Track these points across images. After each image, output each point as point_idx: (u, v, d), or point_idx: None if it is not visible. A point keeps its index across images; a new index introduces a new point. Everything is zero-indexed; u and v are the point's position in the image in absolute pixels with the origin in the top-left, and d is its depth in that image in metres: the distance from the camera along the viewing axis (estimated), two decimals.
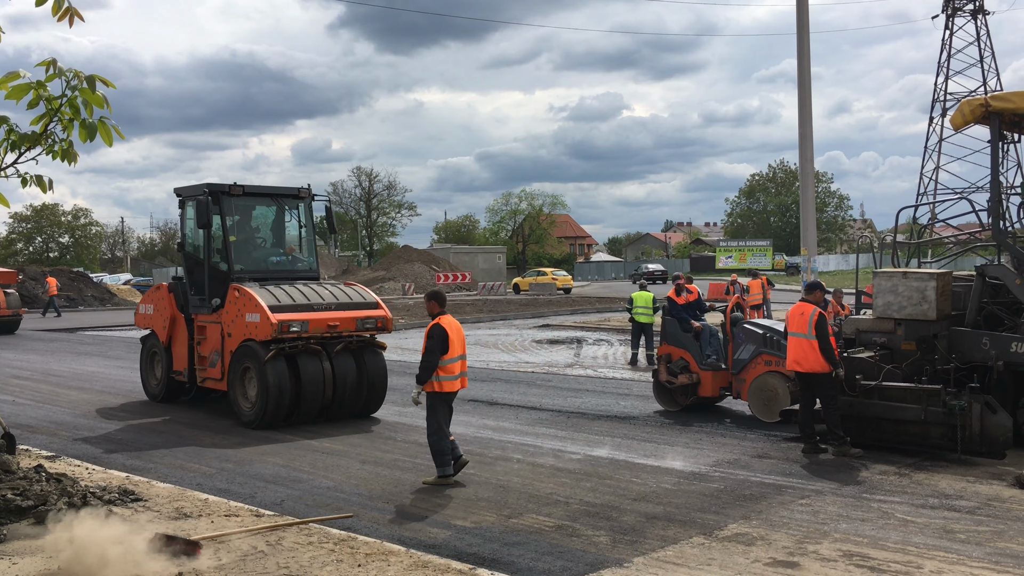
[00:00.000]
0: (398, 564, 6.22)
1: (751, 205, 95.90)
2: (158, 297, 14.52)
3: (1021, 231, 11.15)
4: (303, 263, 14.24)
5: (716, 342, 13.04)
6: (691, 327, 12.99)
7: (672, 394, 13.04)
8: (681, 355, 12.95)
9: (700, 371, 12.74)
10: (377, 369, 12.92)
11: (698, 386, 12.77)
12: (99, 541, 6.51)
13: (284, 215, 14.25)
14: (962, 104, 10.75)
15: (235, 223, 13.55)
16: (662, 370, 13.06)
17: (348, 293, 13.11)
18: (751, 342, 12.21)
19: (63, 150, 6.08)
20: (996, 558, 6.48)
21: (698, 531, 7.20)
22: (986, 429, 9.30)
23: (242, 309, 12.31)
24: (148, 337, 14.79)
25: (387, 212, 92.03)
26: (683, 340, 13.00)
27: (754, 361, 12.14)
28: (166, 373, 14.26)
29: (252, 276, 13.11)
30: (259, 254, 13.96)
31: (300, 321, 12.05)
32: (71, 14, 5.50)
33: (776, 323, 13.02)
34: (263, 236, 14.39)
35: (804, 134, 25.94)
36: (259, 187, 14.09)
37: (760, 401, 12.04)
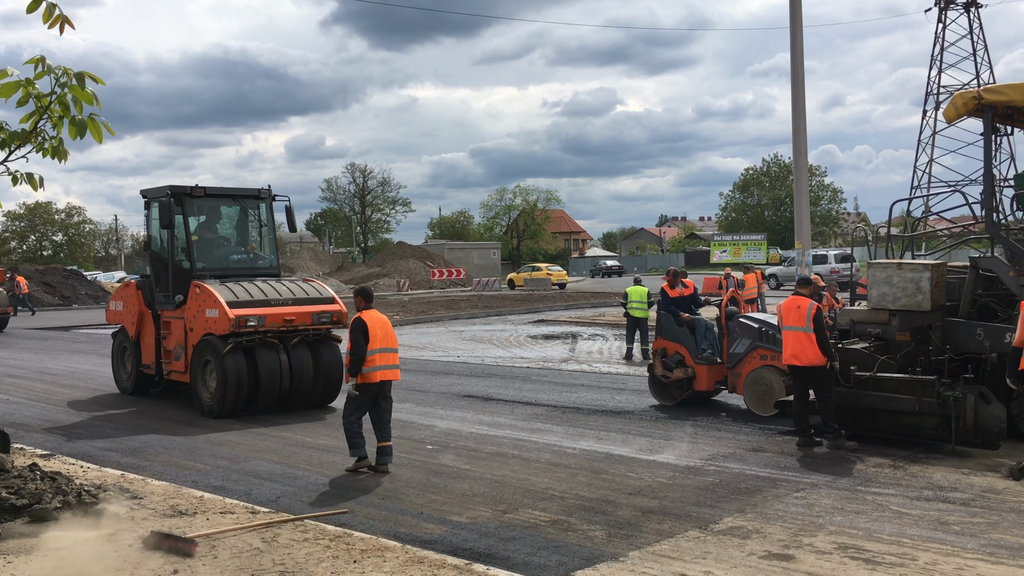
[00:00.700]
0: (394, 560, 6.22)
1: (745, 199, 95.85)
2: (127, 294, 15.09)
3: (1014, 224, 11.17)
4: (264, 260, 14.78)
5: (711, 336, 13.03)
6: (684, 321, 13.02)
7: (667, 388, 13.05)
8: (677, 349, 12.92)
9: (695, 365, 12.73)
10: (332, 361, 13.38)
11: (693, 380, 12.77)
12: (94, 540, 6.50)
13: (246, 215, 14.78)
14: (955, 97, 10.75)
15: (198, 223, 14.17)
16: (657, 364, 13.07)
17: (305, 289, 13.66)
18: (746, 336, 12.24)
19: (53, 148, 6.06)
20: (991, 549, 6.50)
21: (693, 525, 7.21)
22: (980, 420, 9.32)
23: (202, 305, 12.87)
24: (118, 333, 15.41)
25: (381, 208, 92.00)
26: (678, 334, 12.98)
27: (749, 355, 12.16)
28: (135, 367, 14.85)
29: (213, 274, 13.64)
30: (221, 252, 14.54)
31: (257, 316, 12.64)
32: (62, 21, 5.48)
33: (771, 317, 12.96)
34: (225, 235, 14.95)
35: (798, 128, 25.95)
36: (220, 188, 14.72)
37: (755, 395, 12.08)
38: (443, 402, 13.79)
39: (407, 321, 30.42)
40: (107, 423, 12.51)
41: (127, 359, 15.20)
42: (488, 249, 74.94)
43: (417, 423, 12.06)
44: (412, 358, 20.14)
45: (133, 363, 14.93)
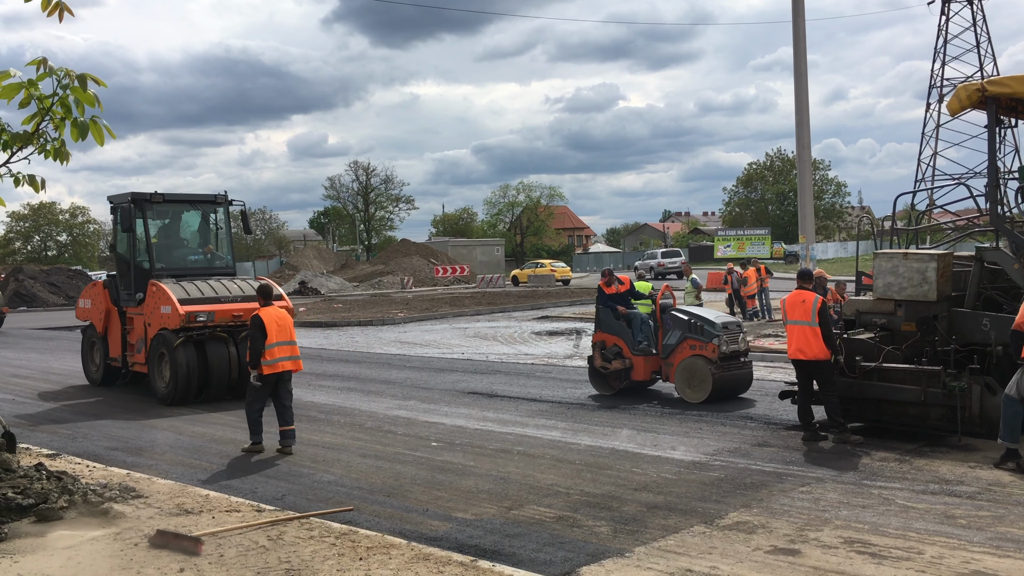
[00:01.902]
0: (399, 557, 6.22)
1: (749, 194, 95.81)
2: (95, 293, 16.40)
3: (1019, 216, 11.13)
4: (221, 260, 15.92)
5: (647, 329, 13.61)
6: (622, 314, 13.66)
7: (606, 379, 13.72)
8: (615, 342, 13.62)
9: (632, 356, 13.40)
10: None
11: (631, 371, 13.45)
12: (100, 539, 6.51)
13: (204, 219, 15.92)
14: (959, 89, 10.71)
15: (160, 226, 15.40)
16: (596, 356, 13.74)
17: (254, 286, 14.43)
18: (677, 328, 12.96)
19: (55, 149, 6.06)
20: (997, 543, 6.49)
21: (699, 520, 7.21)
22: (986, 410, 9.29)
23: (158, 302, 14.04)
24: (87, 328, 16.72)
25: (384, 206, 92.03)
26: (616, 328, 13.64)
27: (680, 346, 12.88)
28: (103, 360, 16.18)
29: (171, 273, 14.82)
30: (179, 253, 15.69)
31: (207, 312, 13.79)
32: (61, 9, 5.47)
33: (702, 310, 13.73)
34: (184, 238, 16.05)
35: (801, 122, 25.91)
36: (179, 195, 15.80)
37: (686, 383, 12.83)
38: (448, 399, 13.80)
39: (411, 318, 30.42)
40: (112, 423, 12.54)
41: (95, 353, 16.45)
42: (492, 246, 74.90)
43: (422, 420, 12.06)
44: (416, 355, 20.16)
45: (101, 356, 16.21)
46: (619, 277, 14.28)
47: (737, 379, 12.99)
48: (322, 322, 30.03)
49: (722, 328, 12.74)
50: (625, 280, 14.27)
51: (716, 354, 12.53)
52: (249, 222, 16.30)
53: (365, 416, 12.53)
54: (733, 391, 13.01)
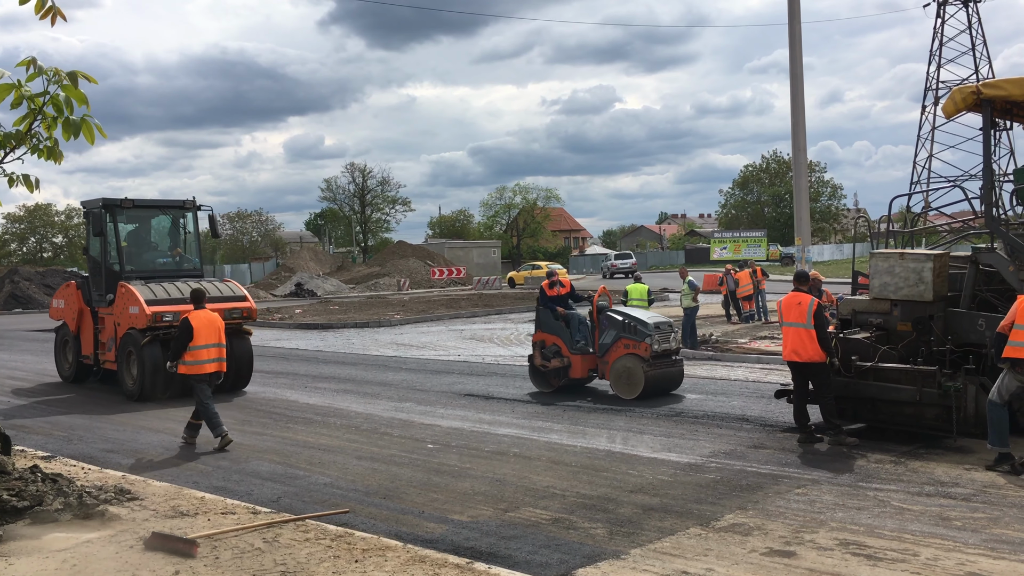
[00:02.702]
0: (395, 559, 6.21)
1: (745, 196, 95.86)
2: (68, 293, 16.99)
3: (1014, 218, 11.16)
4: (189, 263, 16.62)
5: (584, 329, 14.25)
6: (561, 315, 14.29)
7: (546, 377, 14.35)
8: (554, 341, 14.29)
9: (571, 355, 14.06)
10: (244, 351, 15.38)
11: (569, 368, 14.10)
12: (95, 541, 6.50)
13: (174, 223, 16.62)
14: (954, 92, 10.73)
15: (130, 230, 16.12)
16: (536, 355, 14.39)
17: (220, 288, 15.47)
18: (612, 328, 13.58)
19: (48, 149, 6.05)
20: (992, 544, 6.50)
21: (695, 522, 7.21)
22: (981, 411, 9.31)
23: (126, 303, 14.66)
24: (61, 328, 17.38)
25: (381, 208, 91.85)
26: (555, 328, 14.31)
27: (615, 345, 13.52)
28: (76, 358, 16.87)
29: (140, 275, 15.48)
30: (148, 256, 16.38)
31: (173, 312, 14.27)
32: (54, 13, 5.47)
33: (636, 311, 14.21)
34: (153, 241, 16.75)
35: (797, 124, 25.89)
36: (148, 200, 16.65)
37: (620, 380, 13.46)
38: (444, 401, 13.79)
39: (407, 320, 30.41)
40: (108, 425, 12.52)
41: (68, 351, 17.17)
42: (488, 248, 74.89)
43: (418, 422, 12.06)
44: (413, 357, 20.15)
45: (73, 354, 16.93)
46: (560, 280, 14.95)
47: (668, 377, 13.65)
48: (318, 324, 30.01)
49: (654, 328, 13.36)
50: (567, 283, 14.97)
51: (648, 353, 13.19)
52: (217, 227, 17.05)
53: (361, 418, 12.52)
54: (665, 388, 13.65)
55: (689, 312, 19.46)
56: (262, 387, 15.95)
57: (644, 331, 13.23)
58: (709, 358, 18.09)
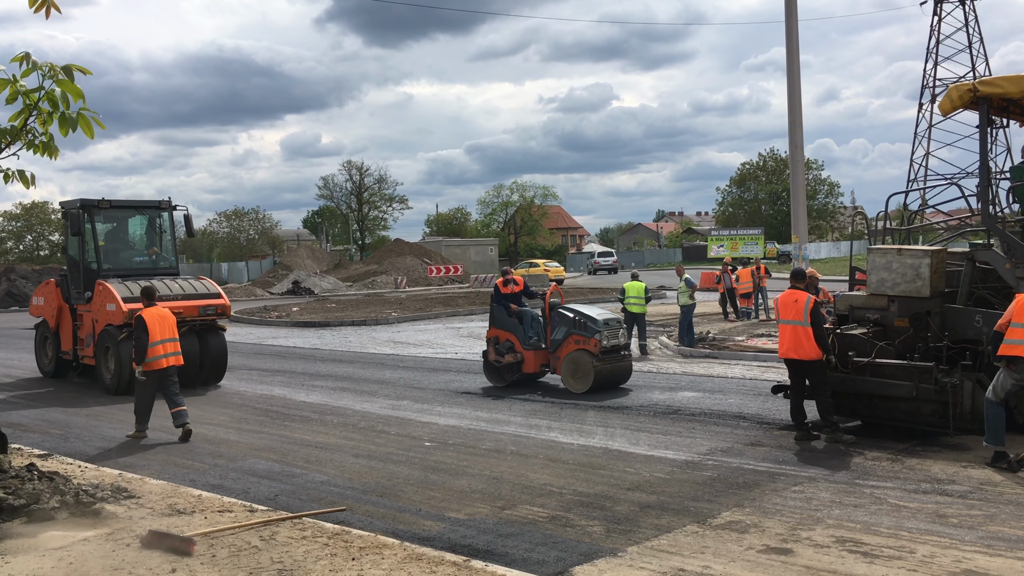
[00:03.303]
0: (392, 557, 6.21)
1: (742, 194, 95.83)
2: (48, 291, 17.48)
3: (1011, 216, 11.17)
4: (164, 262, 17.08)
5: (537, 325, 14.75)
6: (514, 312, 14.75)
7: (500, 372, 14.80)
8: (508, 337, 14.74)
9: (524, 351, 14.52)
10: (218, 347, 15.94)
11: (522, 364, 14.55)
12: (92, 540, 6.49)
13: (150, 223, 17.08)
14: (950, 90, 10.73)
15: (107, 230, 16.56)
16: (491, 350, 14.83)
17: (195, 286, 15.96)
18: (563, 324, 14.13)
19: (43, 144, 6.04)
20: (988, 542, 6.51)
21: (692, 519, 7.22)
22: (977, 407, 9.32)
23: (104, 300, 15.11)
24: (40, 325, 17.87)
25: (378, 206, 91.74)
26: (509, 324, 14.74)
27: (566, 341, 14.05)
28: (55, 353, 17.30)
29: (117, 274, 15.92)
30: (125, 255, 16.85)
31: None
32: (48, 5, 5.46)
33: (586, 307, 14.60)
34: (130, 240, 17.27)
35: (794, 122, 25.92)
36: (125, 201, 17.20)
37: (571, 374, 13.99)
38: (441, 399, 13.79)
39: (405, 318, 30.39)
40: (104, 423, 12.50)
41: (48, 347, 17.64)
42: (485, 246, 74.86)
43: (415, 420, 12.06)
44: (410, 355, 20.14)
45: (53, 350, 17.36)
46: (514, 278, 15.26)
47: (617, 371, 14.20)
48: (315, 322, 29.99)
49: (603, 325, 13.88)
50: (520, 281, 15.33)
51: (598, 348, 13.72)
52: (192, 226, 17.58)
53: (358, 416, 12.52)
54: (614, 382, 14.20)
55: (686, 310, 19.46)
56: (259, 385, 15.95)
57: (594, 327, 13.79)
58: (706, 356, 18.10)
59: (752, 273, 25.01)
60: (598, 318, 13.96)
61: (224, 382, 16.36)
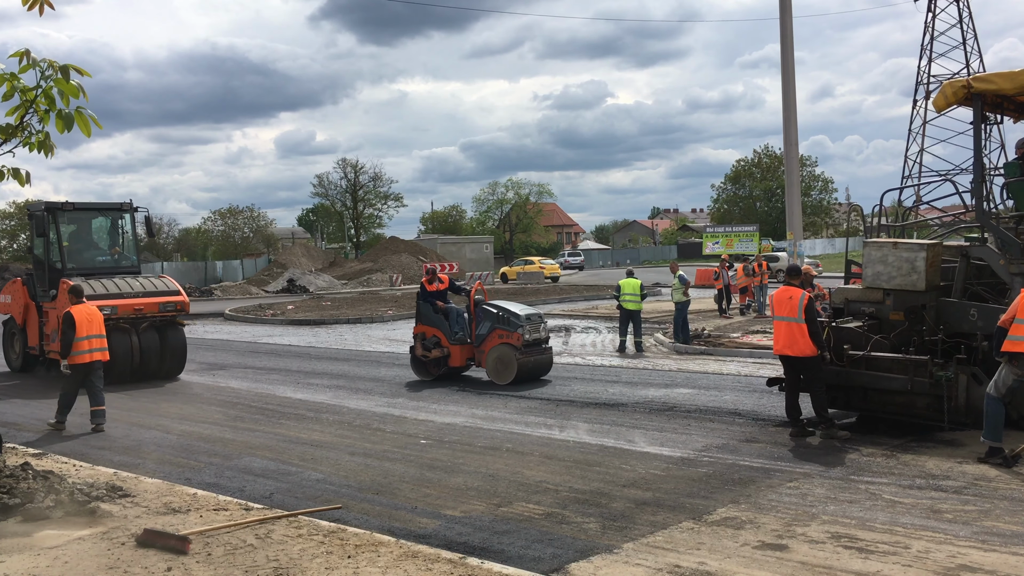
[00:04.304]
0: (388, 555, 6.21)
1: (737, 191, 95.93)
2: (15, 289, 18.15)
3: (1004, 212, 11.19)
4: (127, 261, 17.86)
5: (462, 321, 15.31)
6: (440, 308, 15.27)
7: (426, 366, 15.35)
8: (434, 333, 15.29)
9: (450, 346, 15.08)
10: (177, 342, 16.69)
11: (448, 358, 15.12)
12: (87, 538, 6.48)
13: (115, 224, 17.82)
14: (944, 86, 10.75)
15: (71, 231, 17.22)
16: (418, 346, 15.39)
17: (155, 283, 16.79)
18: (488, 320, 14.71)
19: (40, 142, 6.02)
20: (983, 537, 6.52)
21: (687, 516, 7.22)
22: (972, 400, 9.34)
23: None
24: (7, 321, 18.67)
25: (373, 203, 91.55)
26: (435, 320, 15.29)
27: (491, 335, 14.65)
28: (23, 349, 18.02)
29: (81, 272, 16.54)
30: (88, 255, 17.55)
31: (111, 306, 15.56)
32: (42, 3, 5.44)
33: (510, 303, 15.07)
34: (93, 240, 17.93)
35: (788, 119, 25.97)
36: (88, 203, 17.99)
37: (495, 367, 14.59)
38: (436, 396, 13.79)
39: (400, 316, 30.35)
40: None
41: (15, 343, 18.36)
42: (481, 243, 74.67)
43: (411, 418, 12.05)
44: (405, 353, 20.05)
45: (21, 346, 18.08)
46: (440, 276, 15.88)
47: (539, 364, 14.86)
48: (310, 320, 29.95)
49: (525, 319, 14.52)
50: (444, 279, 15.91)
51: (520, 342, 14.37)
52: (152, 227, 18.42)
53: (354, 414, 12.51)
54: (535, 374, 14.86)
55: (680, 306, 19.47)
56: (254, 383, 15.93)
57: (516, 322, 14.43)
58: (701, 352, 18.12)
59: (745, 268, 25.05)
60: (520, 313, 14.61)
61: (219, 380, 16.36)
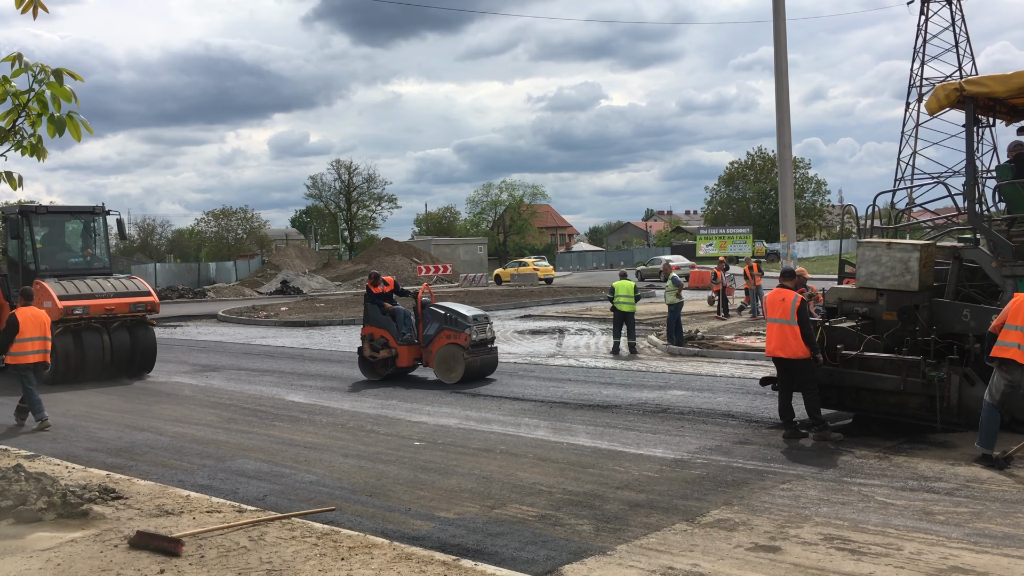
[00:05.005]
0: (381, 557, 6.20)
1: (730, 192, 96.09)
2: None
3: (996, 214, 11.23)
4: (98, 262, 18.33)
5: (409, 322, 15.71)
6: (387, 310, 15.63)
7: (374, 366, 15.68)
8: (382, 334, 15.64)
9: (397, 346, 15.48)
10: (147, 341, 17.35)
11: (396, 358, 15.51)
12: (80, 540, 6.46)
13: (88, 227, 18.35)
14: (937, 89, 10.79)
15: (45, 233, 17.83)
16: (366, 347, 15.70)
17: (126, 284, 17.37)
18: (435, 321, 15.15)
19: (32, 145, 6.01)
20: (975, 538, 6.55)
21: (681, 517, 7.23)
22: (964, 401, 9.37)
23: (41, 298, 15.98)
24: None
25: (367, 205, 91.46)
26: (382, 321, 15.65)
27: (438, 336, 15.09)
28: None
29: (54, 274, 17.14)
30: (61, 256, 18.13)
31: (83, 306, 16.24)
32: (35, 6, 5.43)
33: (457, 305, 15.44)
34: (67, 243, 18.47)
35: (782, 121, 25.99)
36: (61, 207, 18.74)
37: (443, 367, 15.03)
38: (430, 398, 13.78)
39: None
40: (92, 423, 12.45)
41: None
42: (475, 245, 74.73)
43: (404, 419, 12.04)
44: None
45: None
46: (384, 279, 16.23)
47: (486, 363, 15.36)
48: (304, 321, 29.92)
49: (472, 320, 14.94)
50: (389, 281, 16.25)
51: (468, 342, 14.80)
52: (125, 230, 19.11)
53: (347, 416, 12.50)
54: (483, 373, 15.33)
55: (673, 308, 19.49)
56: (248, 385, 15.91)
57: (464, 323, 14.85)
58: (695, 354, 18.14)
59: (749, 271, 25.16)
60: (467, 314, 15.02)
61: (213, 382, 16.33)
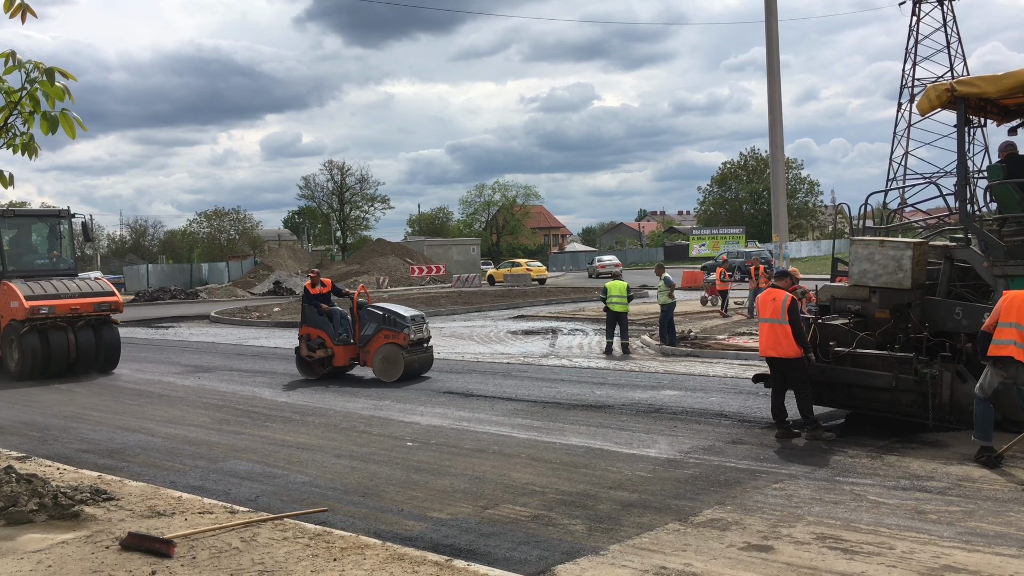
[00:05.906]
0: (374, 557, 6.19)
1: (723, 193, 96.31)
2: None
3: (988, 215, 11.26)
4: (64, 264, 19.18)
5: (346, 322, 16.05)
6: (324, 311, 16.00)
7: (311, 366, 16.09)
8: (319, 334, 16.02)
9: (334, 346, 15.86)
10: (112, 339, 18.14)
11: (332, 358, 15.90)
12: (71, 542, 6.43)
13: (53, 230, 19.18)
14: (928, 89, 10.81)
15: (12, 236, 18.51)
16: (303, 347, 16.09)
17: (91, 285, 18.10)
18: (373, 321, 15.53)
19: (24, 143, 5.99)
20: (967, 537, 6.56)
21: (673, 517, 7.24)
22: (956, 398, 9.40)
23: (8, 298, 17.13)
24: None
25: (360, 205, 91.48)
26: (319, 322, 16.02)
27: (376, 336, 15.48)
28: None
29: (21, 275, 17.89)
30: (28, 258, 18.99)
31: (49, 306, 16.97)
32: (24, 10, 5.42)
33: (394, 305, 15.81)
34: (33, 245, 19.35)
35: (774, 121, 26.09)
36: (27, 210, 20.05)
37: (383, 366, 15.43)
38: (423, 399, 13.77)
39: None
40: (84, 424, 12.40)
41: None
42: (468, 245, 74.71)
43: (397, 420, 12.03)
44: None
45: None
46: (323, 280, 16.59)
47: (423, 361, 15.83)
48: (297, 322, 29.75)
49: (411, 320, 15.39)
50: (327, 282, 16.64)
51: (407, 341, 15.22)
52: (90, 232, 19.82)
53: (340, 416, 12.48)
54: (420, 371, 15.80)
55: (666, 308, 19.51)
56: (240, 385, 15.87)
57: (402, 323, 15.29)
58: (688, 354, 18.16)
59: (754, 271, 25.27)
60: (406, 315, 15.43)
61: (205, 383, 16.29)
